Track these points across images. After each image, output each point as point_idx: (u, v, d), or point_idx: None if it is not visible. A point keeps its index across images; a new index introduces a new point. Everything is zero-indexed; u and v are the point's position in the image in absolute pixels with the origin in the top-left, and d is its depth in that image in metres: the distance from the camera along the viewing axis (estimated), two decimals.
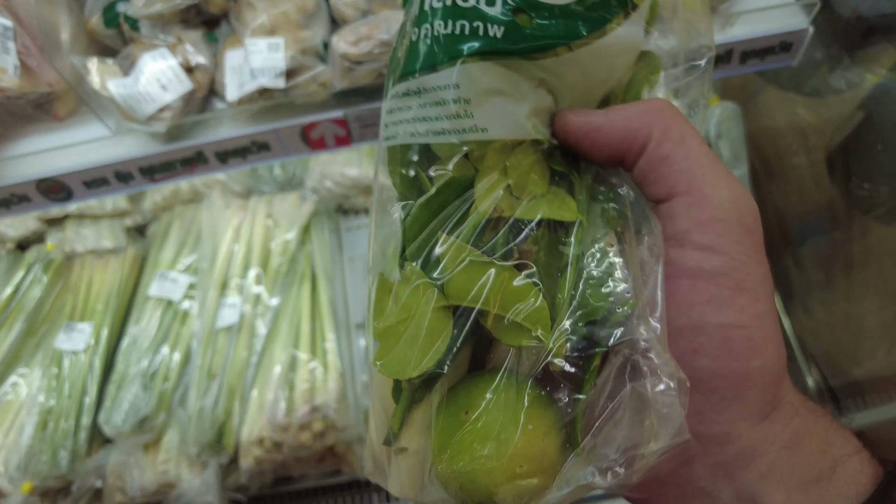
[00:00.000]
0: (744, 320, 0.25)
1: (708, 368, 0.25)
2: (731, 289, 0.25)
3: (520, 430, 0.25)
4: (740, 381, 0.25)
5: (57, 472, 0.94)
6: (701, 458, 0.27)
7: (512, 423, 0.25)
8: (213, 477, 0.96)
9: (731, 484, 0.26)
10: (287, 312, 1.05)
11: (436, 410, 0.26)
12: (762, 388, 0.26)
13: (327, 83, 0.73)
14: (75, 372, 1.02)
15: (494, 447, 0.24)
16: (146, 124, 0.74)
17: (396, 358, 0.26)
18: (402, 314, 0.27)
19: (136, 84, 0.73)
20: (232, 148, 0.77)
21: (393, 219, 0.29)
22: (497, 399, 0.25)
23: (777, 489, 0.26)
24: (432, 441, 0.26)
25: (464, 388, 0.27)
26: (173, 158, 0.77)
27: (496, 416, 0.25)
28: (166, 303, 1.07)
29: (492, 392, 0.25)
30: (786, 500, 0.26)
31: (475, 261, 0.26)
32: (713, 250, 0.26)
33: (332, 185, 1.17)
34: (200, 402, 0.98)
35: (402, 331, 0.26)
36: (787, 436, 0.26)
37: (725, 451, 0.26)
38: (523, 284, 0.26)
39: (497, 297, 0.26)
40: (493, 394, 0.25)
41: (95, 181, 0.79)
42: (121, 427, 0.96)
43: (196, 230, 1.14)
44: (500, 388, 0.26)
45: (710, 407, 0.26)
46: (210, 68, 0.75)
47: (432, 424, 0.26)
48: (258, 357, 1.01)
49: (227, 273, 1.07)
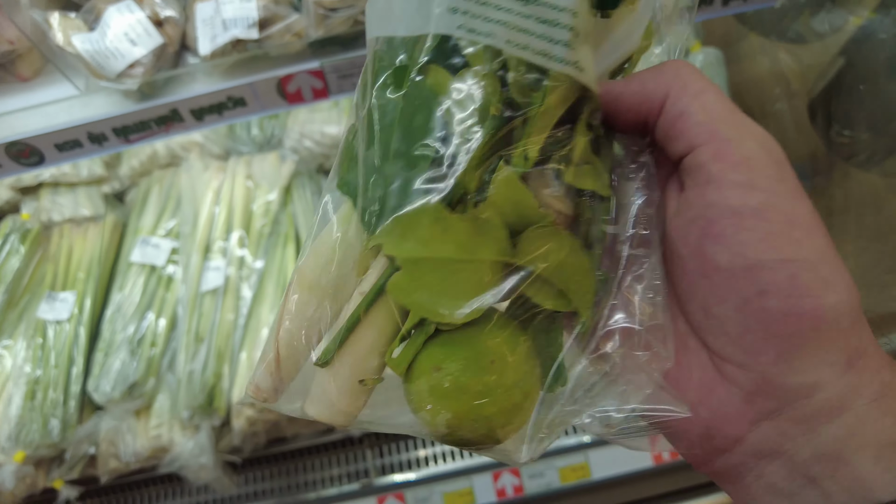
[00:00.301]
0: (805, 254, 0.24)
1: (779, 309, 0.24)
2: (782, 223, 0.24)
3: (517, 375, 0.25)
4: (817, 319, 0.24)
5: (49, 440, 0.94)
6: (783, 411, 0.25)
7: (513, 370, 0.25)
8: (206, 439, 0.97)
9: (812, 440, 0.25)
10: (272, 274, 1.04)
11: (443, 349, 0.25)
12: (842, 329, 0.24)
13: (302, 33, 0.71)
14: (60, 341, 1.01)
15: (491, 393, 0.25)
16: (117, 81, 0.72)
17: (429, 294, 0.24)
18: (457, 253, 0.24)
19: (102, 39, 0.70)
20: (207, 104, 0.75)
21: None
22: (499, 345, 0.25)
23: (866, 447, 0.24)
24: (425, 378, 0.26)
25: (463, 334, 0.26)
26: (147, 117, 0.75)
27: (500, 363, 0.25)
28: (150, 268, 1.06)
29: (497, 339, 0.25)
30: (875, 458, 0.24)
31: (543, 227, 0.25)
32: (753, 187, 0.25)
33: (311, 145, 1.15)
34: (189, 366, 0.97)
35: (444, 269, 0.24)
36: (876, 388, 0.25)
37: (810, 404, 0.25)
38: (581, 258, 0.26)
39: (556, 264, 0.25)
40: (499, 340, 0.25)
41: (68, 143, 0.77)
42: (110, 394, 0.96)
43: (176, 194, 1.11)
44: (503, 334, 0.26)
45: (790, 353, 0.24)
46: (180, 21, 0.72)
47: (425, 362, 0.26)
48: (245, 319, 1.00)
49: (209, 236, 1.05)
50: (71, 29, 0.72)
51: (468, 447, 0.26)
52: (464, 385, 0.25)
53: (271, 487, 1.13)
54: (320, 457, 1.15)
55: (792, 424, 0.25)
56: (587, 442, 1.11)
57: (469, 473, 1.11)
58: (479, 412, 0.25)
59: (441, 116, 0.25)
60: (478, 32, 0.26)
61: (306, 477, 1.14)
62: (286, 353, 0.26)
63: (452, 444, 0.26)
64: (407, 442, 1.15)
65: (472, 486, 1.11)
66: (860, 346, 0.25)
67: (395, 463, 1.14)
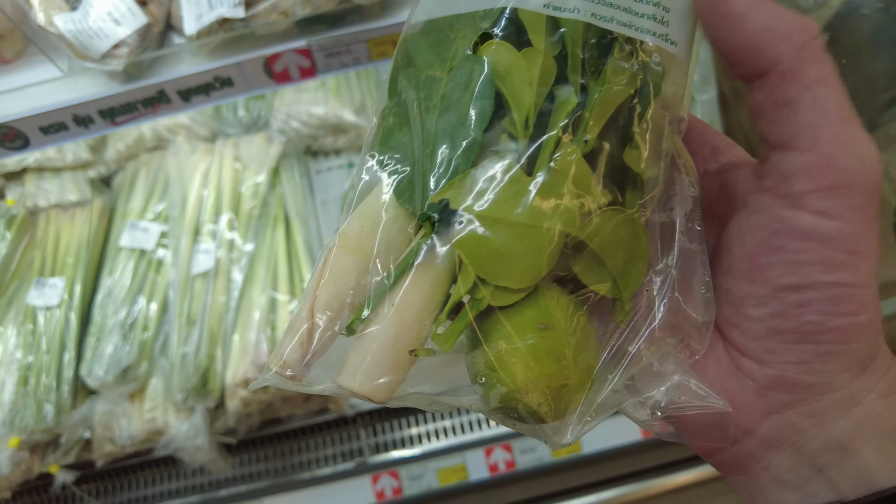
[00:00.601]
0: (855, 279, 0.25)
1: (815, 322, 0.25)
2: (845, 252, 0.24)
3: (585, 353, 0.25)
4: (848, 335, 0.25)
5: (43, 425, 0.94)
6: (796, 405, 0.26)
7: (582, 347, 0.25)
8: (200, 421, 0.97)
9: (822, 432, 0.26)
10: (263, 256, 1.04)
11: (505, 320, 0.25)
12: (867, 340, 0.26)
13: (289, 11, 0.70)
14: (51, 327, 1.01)
15: (562, 368, 0.25)
16: (101, 62, 0.71)
17: (493, 257, 0.24)
18: (529, 218, 0.24)
19: (85, 19, 0.70)
20: (194, 85, 0.74)
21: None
22: (567, 321, 0.25)
23: (870, 437, 0.25)
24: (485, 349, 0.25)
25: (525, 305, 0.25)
26: (134, 99, 0.75)
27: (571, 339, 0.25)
28: (139, 253, 1.06)
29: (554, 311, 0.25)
30: (878, 447, 0.25)
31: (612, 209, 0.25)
32: (831, 216, 0.24)
33: (298, 126, 1.14)
34: (182, 348, 0.97)
35: (512, 233, 0.24)
36: (885, 385, 0.26)
37: (824, 399, 0.26)
38: (636, 227, 0.26)
39: (612, 241, 0.25)
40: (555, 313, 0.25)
41: (53, 126, 0.76)
42: (103, 378, 0.96)
43: (163, 177, 1.11)
44: (569, 310, 0.25)
45: (815, 358, 0.25)
46: (164, 0, 0.72)
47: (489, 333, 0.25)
48: (237, 301, 1.00)
49: (198, 219, 1.05)
50: (52, 9, 0.71)
51: (516, 423, 0.25)
52: (536, 358, 0.24)
53: (266, 468, 1.15)
54: (314, 437, 1.16)
55: (802, 417, 0.26)
56: None
57: (462, 449, 1.12)
58: (548, 386, 0.24)
59: (512, 90, 0.25)
60: (563, 9, 0.25)
61: (301, 457, 1.15)
62: (322, 317, 0.24)
63: (500, 421, 0.26)
64: (400, 420, 1.17)
65: (465, 461, 1.12)
66: (874, 351, 0.26)
67: (388, 441, 1.15)
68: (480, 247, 0.23)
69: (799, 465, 0.27)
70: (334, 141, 1.20)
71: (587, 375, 0.26)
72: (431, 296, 0.24)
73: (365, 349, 0.24)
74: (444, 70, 0.26)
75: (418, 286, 0.24)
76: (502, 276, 0.24)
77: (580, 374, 0.25)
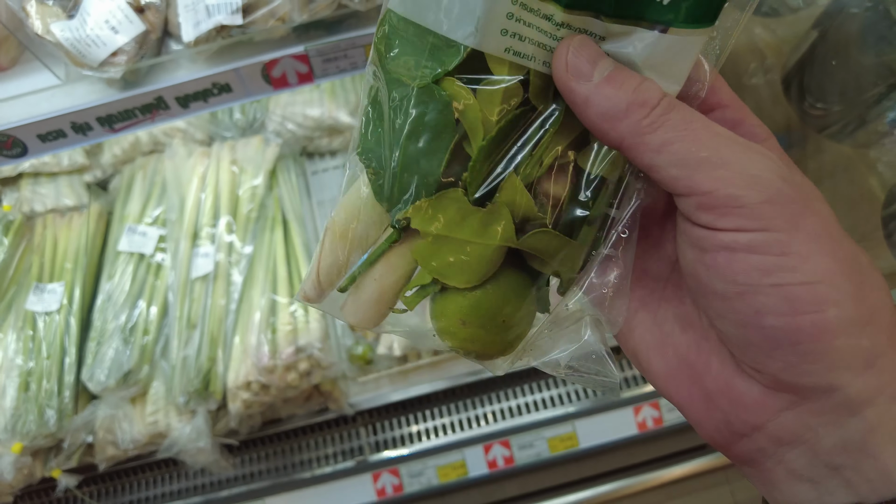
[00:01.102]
0: (800, 278, 0.25)
1: (777, 326, 0.25)
2: (775, 255, 0.25)
3: (521, 319, 0.33)
4: (820, 332, 0.25)
5: (45, 430, 0.95)
6: (805, 403, 0.26)
7: (518, 316, 0.32)
8: (202, 423, 0.98)
9: (835, 432, 0.26)
10: (262, 258, 1.05)
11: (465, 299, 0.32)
12: (851, 337, 0.25)
13: (286, 17, 0.71)
14: (51, 332, 1.01)
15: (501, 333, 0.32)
16: (99, 70, 0.71)
17: (445, 264, 0.30)
18: (472, 237, 0.30)
19: (82, 27, 0.70)
20: (192, 91, 0.75)
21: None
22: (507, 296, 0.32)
23: (888, 440, 0.25)
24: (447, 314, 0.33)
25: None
26: (132, 105, 0.75)
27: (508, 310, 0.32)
28: (138, 257, 1.06)
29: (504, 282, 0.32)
30: None
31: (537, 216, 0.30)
32: (743, 229, 0.25)
33: (294, 127, 1.15)
34: (183, 352, 0.98)
35: (460, 246, 0.30)
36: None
37: (831, 399, 0.25)
38: (571, 249, 0.31)
39: (549, 251, 0.31)
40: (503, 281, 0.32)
41: (51, 133, 0.76)
42: (105, 382, 0.96)
43: (160, 181, 1.11)
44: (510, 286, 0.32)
45: (799, 360, 0.25)
46: (161, 7, 0.72)
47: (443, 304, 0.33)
48: (237, 304, 1.01)
49: (196, 223, 1.05)
50: (49, 17, 0.71)
51: (466, 357, 0.34)
52: (480, 331, 0.32)
53: (268, 468, 1.15)
54: (315, 436, 1.17)
55: (813, 416, 0.26)
56: (574, 412, 1.15)
57: (461, 446, 1.14)
58: (491, 344, 0.32)
59: (459, 118, 0.29)
60: (522, 55, 0.28)
61: (302, 456, 1.16)
62: (325, 279, 0.33)
63: (460, 355, 0.34)
64: (399, 418, 1.18)
65: (465, 458, 1.14)
66: (876, 349, 0.25)
67: (388, 439, 1.17)
68: (433, 257, 0.30)
69: (813, 463, 0.26)
70: (330, 142, 1.20)
71: (511, 345, 0.33)
72: (403, 273, 0.32)
73: (357, 300, 0.33)
74: (413, 81, 0.29)
75: (393, 266, 0.32)
76: (451, 279, 0.31)
77: (503, 345, 0.33)
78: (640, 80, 0.27)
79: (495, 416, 1.17)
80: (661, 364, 0.31)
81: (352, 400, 1.13)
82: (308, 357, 0.96)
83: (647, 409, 1.14)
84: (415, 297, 0.32)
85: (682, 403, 0.31)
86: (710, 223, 0.26)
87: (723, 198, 0.25)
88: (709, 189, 0.25)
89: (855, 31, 1.11)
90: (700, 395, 0.29)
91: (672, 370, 0.31)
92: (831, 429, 0.26)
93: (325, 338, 0.98)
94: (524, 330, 0.33)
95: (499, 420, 1.16)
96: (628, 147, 0.26)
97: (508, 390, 1.19)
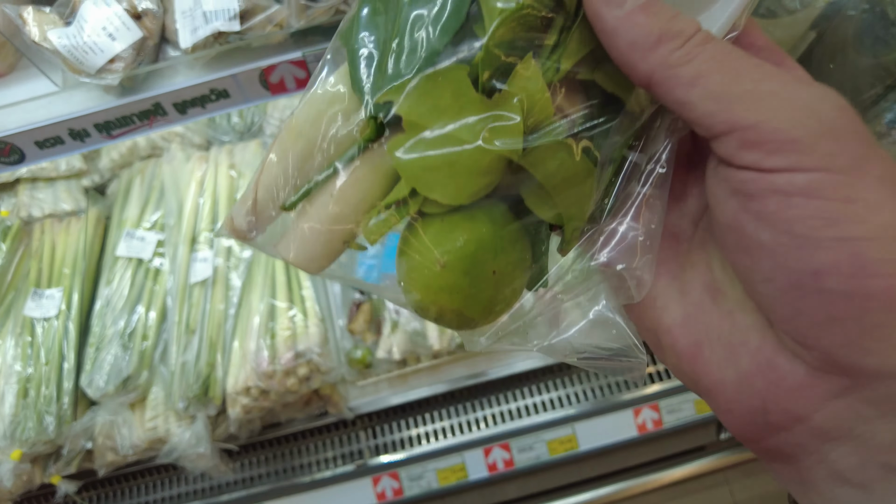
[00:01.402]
0: (870, 231, 0.20)
1: (840, 290, 0.21)
2: (839, 200, 0.21)
3: (509, 278, 0.25)
4: (891, 301, 0.20)
5: (44, 437, 0.95)
6: (860, 389, 0.22)
7: (506, 272, 0.25)
8: (202, 429, 0.98)
9: (894, 425, 0.21)
10: (261, 263, 1.04)
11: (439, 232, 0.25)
12: None
13: (283, 23, 0.71)
14: (49, 338, 1.01)
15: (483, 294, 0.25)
16: (96, 77, 0.71)
17: (429, 168, 0.23)
18: (468, 136, 0.23)
19: (80, 34, 0.70)
20: (190, 97, 0.75)
21: None
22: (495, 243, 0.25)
23: None
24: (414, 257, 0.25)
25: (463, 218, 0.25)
26: (130, 112, 0.75)
27: (497, 263, 0.25)
28: (136, 262, 1.06)
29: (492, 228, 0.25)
30: None
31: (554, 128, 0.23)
32: (798, 168, 0.21)
33: None
34: (182, 357, 0.98)
35: (451, 146, 0.23)
36: None
37: (893, 385, 0.21)
38: (586, 184, 0.24)
39: (560, 179, 0.24)
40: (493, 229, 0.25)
41: (48, 140, 0.76)
42: (104, 388, 0.96)
43: (158, 185, 1.11)
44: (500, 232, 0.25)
45: (863, 335, 0.21)
46: (159, 13, 0.72)
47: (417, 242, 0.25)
48: (236, 309, 1.01)
49: (195, 227, 1.05)
50: (46, 24, 0.71)
51: (435, 322, 0.26)
52: (459, 283, 0.24)
53: (267, 472, 1.15)
54: (314, 440, 1.17)
55: (870, 406, 0.22)
56: (574, 414, 1.15)
57: (461, 450, 1.14)
58: (473, 302, 0.25)
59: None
60: None
61: (301, 460, 1.16)
62: (264, 196, 0.26)
63: (422, 317, 0.27)
64: (399, 422, 1.18)
65: (464, 461, 1.14)
66: None
67: (388, 443, 1.16)
68: (416, 157, 0.23)
69: (866, 463, 0.22)
70: None
71: (496, 310, 0.26)
72: (370, 192, 0.25)
73: (303, 230, 0.25)
74: None
75: (358, 182, 0.24)
76: (434, 190, 0.23)
77: (488, 307, 0.25)
78: (675, 12, 0.23)
79: (495, 419, 1.17)
80: (688, 341, 0.26)
81: (351, 404, 1.13)
82: (307, 362, 0.96)
83: (647, 411, 1.15)
84: (382, 224, 0.24)
85: (709, 388, 0.26)
86: (756, 163, 0.22)
87: (771, 131, 0.21)
88: (753, 122, 0.21)
89: (852, 32, 1.11)
90: (733, 377, 0.25)
91: (700, 348, 0.26)
92: (889, 421, 0.21)
93: (324, 342, 0.98)
94: (514, 295, 0.26)
95: (498, 423, 1.16)
96: (658, 82, 0.23)
97: (508, 393, 1.19)
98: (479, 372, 1.15)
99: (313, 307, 1.01)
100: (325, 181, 0.25)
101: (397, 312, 1.10)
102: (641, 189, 0.26)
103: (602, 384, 1.19)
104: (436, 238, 0.24)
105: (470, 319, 0.26)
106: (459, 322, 0.26)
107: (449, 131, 0.23)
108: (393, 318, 1.10)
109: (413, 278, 0.25)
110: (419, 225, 0.25)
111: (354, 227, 0.25)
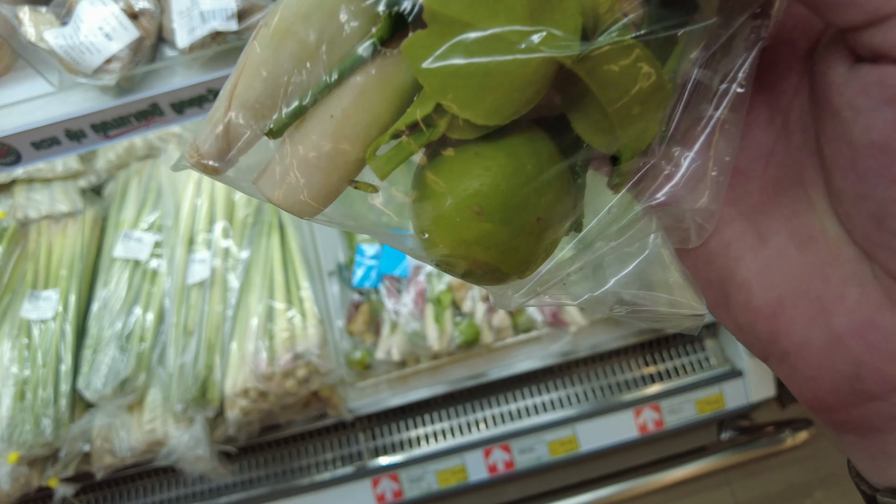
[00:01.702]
0: None
1: None
2: None
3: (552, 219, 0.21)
4: None
5: (42, 440, 0.94)
6: None
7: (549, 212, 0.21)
8: (200, 431, 0.97)
9: None
10: (258, 264, 1.04)
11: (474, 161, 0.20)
12: None
13: None
14: (46, 340, 1.00)
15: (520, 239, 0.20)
16: (93, 77, 0.70)
17: (458, 77, 0.18)
18: (503, 24, 0.17)
19: (76, 34, 0.69)
20: (187, 97, 0.74)
21: None
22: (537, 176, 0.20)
23: None
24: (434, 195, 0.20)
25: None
26: (127, 112, 0.74)
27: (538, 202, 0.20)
28: (133, 263, 1.05)
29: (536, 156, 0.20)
30: None
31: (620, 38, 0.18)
32: None
33: None
34: (180, 359, 0.97)
35: (486, 49, 0.18)
36: None
37: None
38: (656, 76, 0.19)
39: (622, 92, 0.19)
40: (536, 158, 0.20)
41: (45, 141, 0.75)
42: (102, 391, 0.96)
43: (156, 186, 1.10)
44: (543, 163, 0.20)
45: None
46: (156, 13, 0.71)
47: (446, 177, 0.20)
48: (234, 310, 1.00)
49: (192, 228, 1.05)
50: (42, 24, 0.70)
51: (463, 278, 0.22)
52: (499, 234, 0.20)
53: (266, 474, 1.15)
54: (313, 442, 1.17)
55: None
56: (574, 415, 1.15)
57: (461, 451, 1.13)
58: (513, 255, 0.20)
59: None
60: None
61: (300, 462, 1.16)
62: (240, 115, 0.20)
63: (446, 272, 0.22)
64: (399, 424, 1.18)
65: (465, 463, 1.13)
66: None
67: (387, 444, 1.16)
68: (445, 62, 0.18)
69: None
70: None
71: (536, 261, 0.21)
72: (381, 111, 0.19)
73: (293, 159, 0.20)
74: None
75: (366, 97, 0.19)
76: (466, 106, 0.18)
77: (528, 259, 0.21)
78: None
79: (495, 420, 1.16)
80: (768, 296, 0.22)
81: (350, 405, 1.12)
82: (306, 363, 0.96)
83: (648, 411, 1.14)
84: (395, 152, 0.19)
85: (790, 350, 0.22)
86: None
87: None
88: None
89: None
90: (822, 338, 0.21)
91: (783, 304, 0.22)
92: None
93: (323, 343, 0.97)
94: (554, 245, 0.22)
95: (499, 424, 1.16)
96: None
97: (508, 394, 1.18)
98: (478, 373, 1.14)
99: (312, 308, 1.01)
100: (323, 96, 0.19)
101: (396, 313, 1.09)
102: (714, 112, 0.21)
103: (603, 385, 1.18)
104: (468, 175, 0.19)
105: (505, 275, 0.21)
106: (491, 279, 0.21)
107: (485, 26, 0.17)
108: (392, 318, 1.10)
109: (439, 228, 0.20)
110: (447, 156, 0.20)
111: (360, 157, 0.20)
